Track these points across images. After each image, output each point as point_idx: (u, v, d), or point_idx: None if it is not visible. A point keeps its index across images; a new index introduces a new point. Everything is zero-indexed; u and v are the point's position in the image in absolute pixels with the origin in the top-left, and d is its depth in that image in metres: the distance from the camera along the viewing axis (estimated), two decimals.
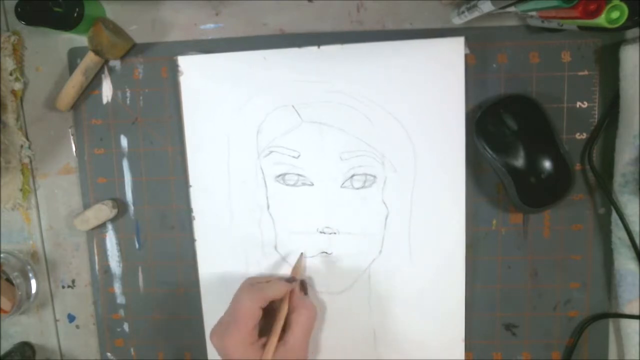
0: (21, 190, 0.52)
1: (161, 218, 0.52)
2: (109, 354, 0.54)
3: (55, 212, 0.53)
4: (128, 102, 0.51)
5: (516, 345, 0.50)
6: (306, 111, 0.48)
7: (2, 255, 0.53)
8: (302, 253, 0.49)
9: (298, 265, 0.49)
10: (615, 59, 0.44)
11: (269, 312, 0.45)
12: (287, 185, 0.49)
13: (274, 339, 0.43)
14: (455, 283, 0.48)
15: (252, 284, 0.45)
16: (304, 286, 0.49)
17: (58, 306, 0.55)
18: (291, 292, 0.46)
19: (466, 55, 0.46)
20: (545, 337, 0.50)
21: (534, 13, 0.41)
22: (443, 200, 0.47)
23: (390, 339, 0.50)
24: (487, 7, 0.40)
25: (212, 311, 0.51)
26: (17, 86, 0.51)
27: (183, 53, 0.49)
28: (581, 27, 0.40)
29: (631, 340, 0.47)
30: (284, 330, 0.44)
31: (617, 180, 0.46)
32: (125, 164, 0.51)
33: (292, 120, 0.48)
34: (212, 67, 0.48)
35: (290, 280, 0.46)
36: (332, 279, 0.50)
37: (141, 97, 0.50)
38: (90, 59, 0.48)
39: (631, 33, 0.45)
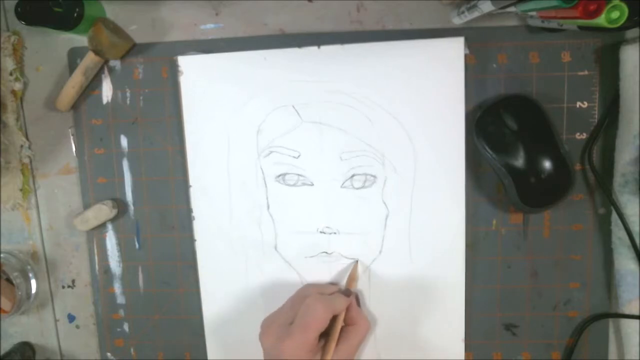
0: (21, 190, 0.52)
1: (161, 218, 0.52)
2: (109, 354, 0.54)
3: (55, 212, 0.53)
4: (128, 102, 0.51)
5: (516, 345, 0.50)
6: (306, 111, 0.48)
7: (2, 255, 0.53)
8: (357, 261, 0.49)
9: (353, 275, 0.48)
10: (615, 59, 0.44)
11: None
12: (287, 185, 0.49)
13: (332, 348, 0.43)
14: (455, 283, 0.48)
15: (322, 293, 0.45)
16: (357, 298, 0.49)
17: (58, 306, 0.55)
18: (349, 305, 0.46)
19: (466, 55, 0.46)
20: (545, 337, 0.50)
21: (534, 13, 0.41)
22: (443, 200, 0.48)
23: (390, 338, 0.50)
24: (487, 7, 0.40)
25: (212, 311, 0.52)
26: (17, 86, 0.51)
27: (183, 53, 0.49)
28: (581, 27, 0.40)
29: (631, 340, 0.47)
30: (338, 339, 0.44)
31: (617, 180, 0.46)
32: (125, 164, 0.51)
33: (292, 120, 0.48)
34: (212, 67, 0.48)
35: (348, 294, 0.46)
36: (332, 279, 0.50)
37: (141, 97, 0.50)
38: (90, 59, 0.48)
39: (631, 33, 0.45)
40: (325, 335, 0.44)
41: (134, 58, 0.50)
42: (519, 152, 0.44)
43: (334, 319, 0.44)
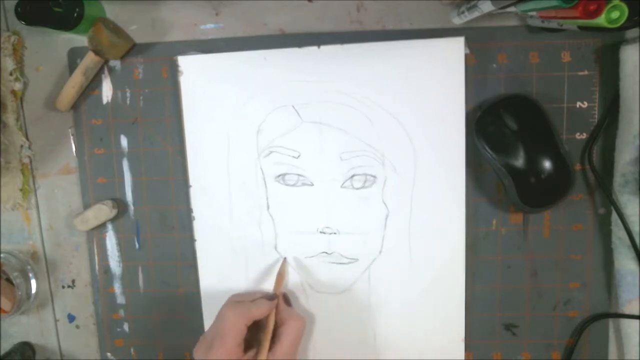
0: (21, 190, 0.52)
1: (161, 218, 0.52)
2: (109, 354, 0.54)
3: (55, 212, 0.53)
4: (128, 102, 0.51)
5: (516, 345, 0.50)
6: (306, 111, 0.48)
7: (2, 255, 0.53)
8: (284, 258, 0.49)
9: (280, 277, 0.49)
10: (615, 59, 0.44)
11: (254, 327, 0.45)
12: (287, 185, 0.49)
13: (264, 352, 0.43)
14: (455, 283, 0.48)
15: (237, 301, 0.45)
16: (287, 298, 0.49)
17: (58, 306, 0.55)
18: (277, 306, 0.46)
19: (466, 55, 0.46)
20: (545, 337, 0.50)
21: (534, 13, 0.41)
22: (443, 200, 0.47)
23: (390, 339, 0.50)
24: (487, 7, 0.40)
25: (212, 311, 0.51)
26: (17, 86, 0.51)
27: (183, 53, 0.49)
28: (581, 27, 0.40)
29: (631, 340, 0.47)
30: (272, 342, 0.44)
31: (617, 180, 0.46)
32: (125, 164, 0.51)
33: (292, 120, 0.48)
34: (212, 67, 0.48)
35: (272, 298, 0.47)
36: (332, 279, 0.50)
37: (141, 97, 0.50)
38: (90, 59, 0.48)
39: (631, 33, 0.45)
40: (259, 341, 0.44)
41: (134, 58, 0.50)
42: (519, 152, 0.44)
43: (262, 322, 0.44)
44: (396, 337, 0.50)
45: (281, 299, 0.47)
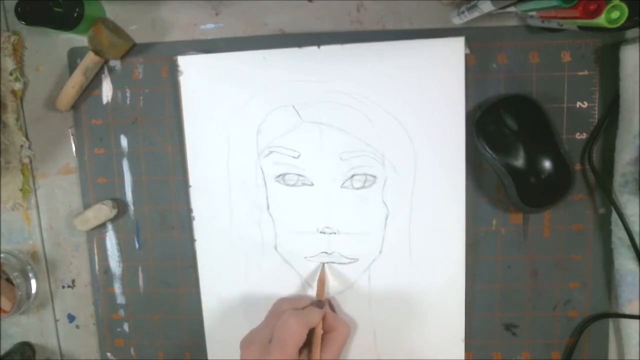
0: (21, 190, 0.52)
1: (161, 218, 0.52)
2: (109, 354, 0.54)
3: (55, 212, 0.53)
4: (128, 102, 0.51)
5: (516, 345, 0.50)
6: (306, 111, 0.48)
7: (2, 255, 0.53)
8: (323, 264, 0.49)
9: (321, 284, 0.49)
10: (615, 59, 0.44)
11: None
12: (287, 185, 0.49)
13: (316, 354, 0.44)
14: (455, 283, 0.48)
15: (295, 308, 0.46)
16: (331, 304, 0.49)
17: (58, 306, 0.55)
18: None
19: (466, 55, 0.46)
20: (545, 337, 0.50)
21: (534, 13, 0.41)
22: (443, 200, 0.47)
23: (390, 339, 0.50)
24: (487, 7, 0.40)
25: (212, 311, 0.52)
26: (17, 86, 0.51)
27: (183, 53, 0.49)
28: (581, 27, 0.40)
29: (631, 340, 0.47)
30: (321, 346, 0.45)
31: (617, 180, 0.46)
32: (125, 164, 0.51)
33: (292, 121, 0.48)
34: (212, 67, 0.48)
35: (321, 305, 0.47)
36: (332, 279, 0.50)
37: (141, 97, 0.50)
38: (90, 59, 0.48)
39: (631, 33, 0.45)
40: (307, 345, 0.44)
41: (134, 58, 0.50)
42: (519, 152, 0.44)
43: (313, 329, 0.45)
44: (396, 337, 0.50)
45: (327, 306, 0.48)
